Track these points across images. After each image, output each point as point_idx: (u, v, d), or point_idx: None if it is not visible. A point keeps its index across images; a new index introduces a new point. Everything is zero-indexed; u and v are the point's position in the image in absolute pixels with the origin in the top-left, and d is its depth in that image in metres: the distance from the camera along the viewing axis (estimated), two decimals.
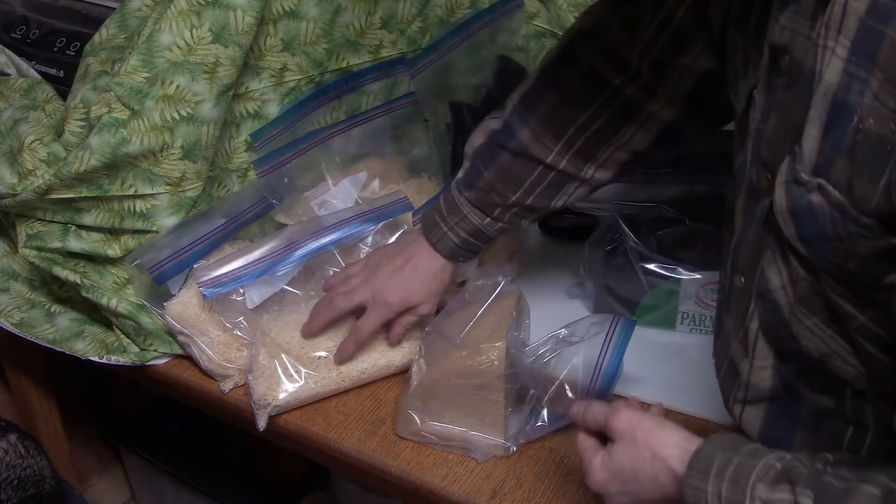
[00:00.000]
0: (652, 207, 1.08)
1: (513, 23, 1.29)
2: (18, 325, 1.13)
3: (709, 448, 0.66)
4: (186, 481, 1.52)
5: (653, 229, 1.07)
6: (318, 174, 1.17)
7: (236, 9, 1.00)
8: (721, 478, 0.63)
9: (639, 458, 0.70)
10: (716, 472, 0.63)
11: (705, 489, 0.63)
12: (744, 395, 0.74)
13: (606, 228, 1.09)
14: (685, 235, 1.07)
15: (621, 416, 0.73)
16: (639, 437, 0.71)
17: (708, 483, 0.63)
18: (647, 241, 1.06)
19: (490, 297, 0.94)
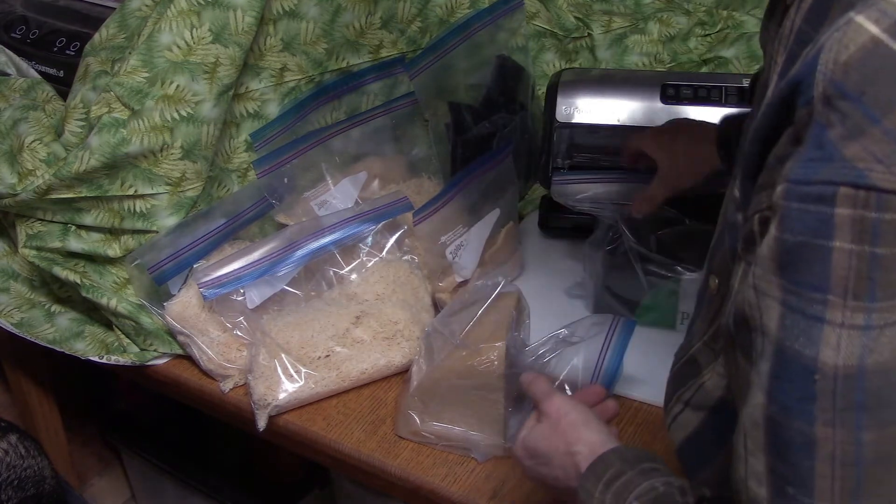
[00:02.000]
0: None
1: (513, 23, 1.29)
2: (18, 325, 1.13)
3: (610, 457, 0.67)
4: (186, 481, 1.52)
5: (653, 229, 1.07)
6: (318, 174, 1.17)
7: (236, 9, 1.00)
8: (609, 487, 0.64)
9: (554, 446, 0.72)
10: (606, 481, 0.64)
11: (593, 495, 0.65)
12: (691, 395, 0.72)
13: (606, 228, 1.09)
14: (685, 235, 1.07)
15: (553, 402, 0.74)
16: (561, 426, 0.72)
17: (596, 489, 0.65)
18: (646, 241, 1.06)
19: (490, 297, 0.94)
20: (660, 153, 1.06)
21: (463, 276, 1.11)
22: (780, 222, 0.45)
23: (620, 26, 1.36)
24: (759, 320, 0.47)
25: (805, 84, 0.45)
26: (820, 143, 0.43)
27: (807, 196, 0.44)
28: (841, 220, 0.42)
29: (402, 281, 1.08)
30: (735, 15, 1.34)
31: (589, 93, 1.21)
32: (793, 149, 0.46)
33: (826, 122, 0.43)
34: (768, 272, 0.46)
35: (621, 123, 1.19)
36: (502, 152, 1.13)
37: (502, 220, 1.15)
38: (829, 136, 0.43)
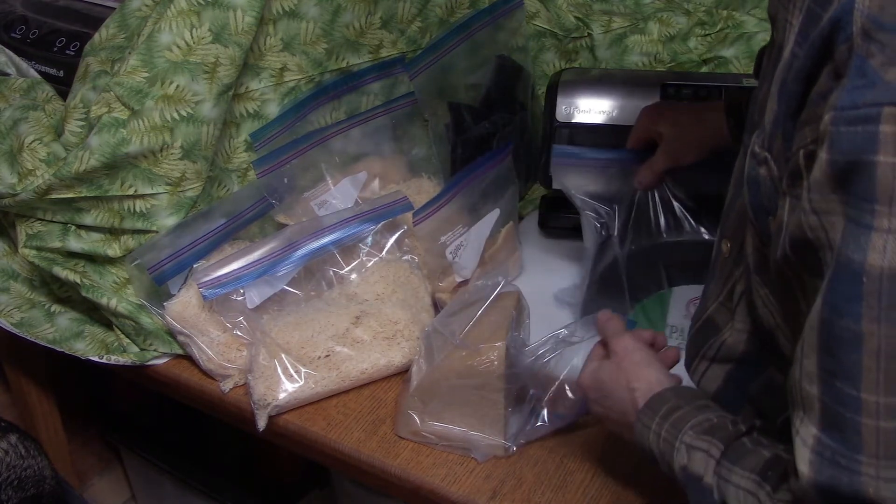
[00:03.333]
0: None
1: (513, 23, 1.29)
2: (18, 325, 1.13)
3: (667, 394, 0.73)
4: (186, 481, 1.52)
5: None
6: (318, 174, 1.17)
7: (236, 9, 1.00)
8: (665, 420, 0.70)
9: (617, 382, 0.78)
10: (663, 414, 0.71)
11: (650, 427, 0.71)
12: (715, 352, 0.75)
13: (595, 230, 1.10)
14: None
15: (620, 341, 0.80)
16: (624, 364, 0.78)
17: (653, 422, 0.71)
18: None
19: (490, 297, 0.94)
20: (664, 125, 1.06)
21: (463, 276, 1.11)
22: (829, 146, 0.49)
23: (620, 26, 1.36)
24: (825, 238, 0.51)
25: (844, 21, 0.49)
26: (862, 72, 0.48)
27: (854, 119, 0.47)
28: (885, 136, 0.46)
29: (402, 281, 1.08)
30: (735, 15, 1.34)
31: (589, 93, 1.21)
32: (835, 83, 0.50)
33: (867, 54, 0.48)
34: (827, 192, 0.50)
35: (621, 123, 1.19)
36: (502, 152, 1.13)
37: (502, 220, 1.15)
38: (871, 65, 0.47)
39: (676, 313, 1.05)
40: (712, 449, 0.65)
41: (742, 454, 0.64)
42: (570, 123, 1.20)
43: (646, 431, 0.71)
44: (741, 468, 0.63)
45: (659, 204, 1.10)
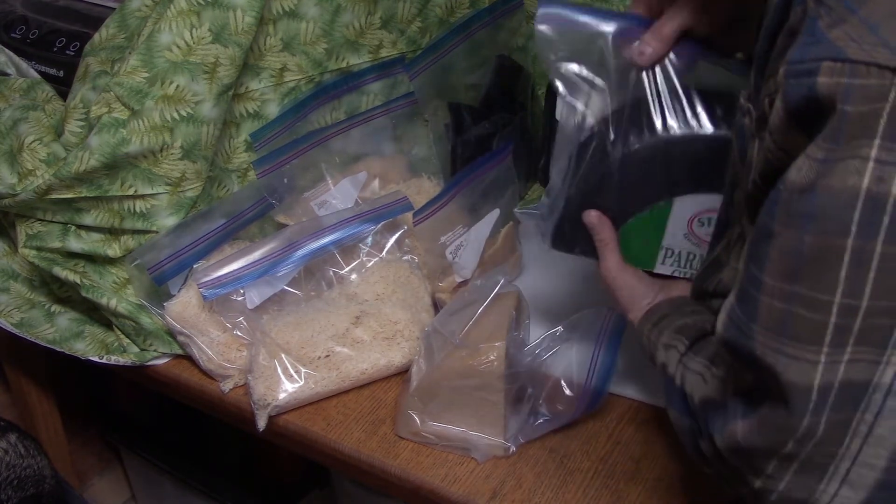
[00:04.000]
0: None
1: (513, 22, 1.29)
2: (18, 325, 1.13)
3: (664, 305, 0.84)
4: (186, 481, 1.52)
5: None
6: (318, 174, 1.17)
7: (236, 9, 1.00)
8: (655, 326, 0.81)
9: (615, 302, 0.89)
10: (654, 321, 0.81)
11: (643, 332, 0.82)
12: (713, 288, 0.81)
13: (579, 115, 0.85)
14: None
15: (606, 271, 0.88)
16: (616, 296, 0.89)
17: (645, 328, 0.82)
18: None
19: (490, 296, 0.94)
20: None
21: (463, 276, 1.11)
22: (782, 95, 0.57)
23: None
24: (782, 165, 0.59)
25: None
26: (811, 31, 0.55)
27: (800, 72, 0.55)
28: (821, 87, 0.53)
29: (402, 281, 1.08)
30: None
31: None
32: (790, 41, 0.57)
33: (817, 15, 0.55)
34: (782, 133, 0.58)
35: None
36: (502, 152, 1.13)
37: (502, 220, 1.15)
38: (819, 26, 0.54)
39: (674, 231, 0.87)
40: (679, 345, 0.76)
41: (703, 347, 0.74)
42: None
43: (641, 337, 0.83)
44: (699, 357, 0.73)
45: (665, 90, 0.83)
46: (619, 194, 0.85)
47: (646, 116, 0.82)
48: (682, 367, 0.74)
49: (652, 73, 0.82)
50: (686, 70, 0.83)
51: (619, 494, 0.89)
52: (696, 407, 0.70)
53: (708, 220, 0.86)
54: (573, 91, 0.84)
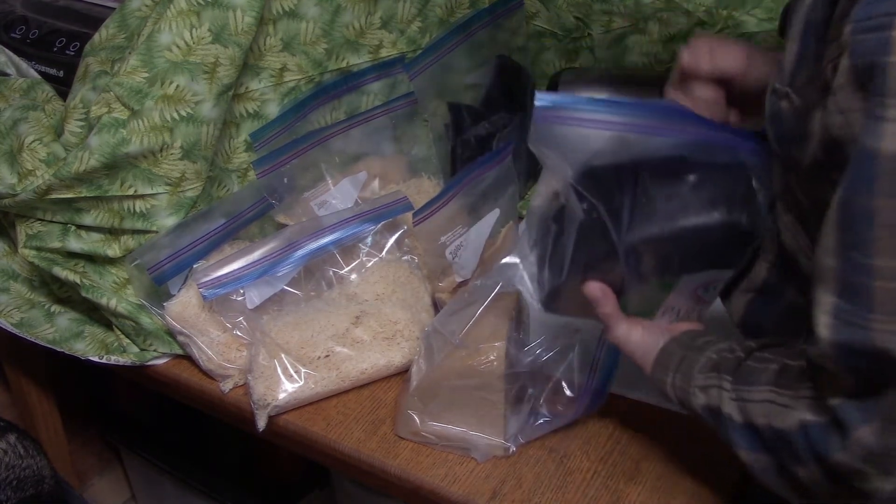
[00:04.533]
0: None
1: (512, 23, 1.29)
2: (18, 325, 1.13)
3: (671, 346, 0.80)
4: (186, 481, 1.52)
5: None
6: (318, 174, 1.17)
7: (236, 9, 1.00)
8: (677, 371, 0.78)
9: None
10: (673, 368, 0.78)
11: (665, 381, 0.79)
12: (742, 282, 0.82)
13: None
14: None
15: (617, 333, 0.83)
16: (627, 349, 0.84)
17: (667, 377, 0.78)
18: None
19: (489, 296, 0.94)
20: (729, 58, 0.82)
21: (463, 276, 1.11)
22: (850, 54, 0.57)
23: (620, 26, 1.36)
24: (849, 133, 0.59)
25: None
26: None
27: (869, 28, 0.56)
28: (895, 40, 0.54)
29: (402, 281, 1.08)
30: (735, 15, 1.34)
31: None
32: (852, 4, 0.58)
33: None
34: (849, 93, 0.58)
35: None
36: (502, 152, 1.13)
37: (502, 220, 1.15)
38: None
39: (678, 296, 0.84)
40: (723, 382, 0.72)
41: (751, 374, 0.71)
42: None
43: (662, 386, 0.79)
44: (756, 386, 0.69)
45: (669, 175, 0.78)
46: (625, 275, 0.80)
47: (660, 202, 0.77)
48: (739, 403, 0.70)
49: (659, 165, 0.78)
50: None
51: (618, 494, 0.89)
52: (778, 435, 0.67)
53: (714, 287, 0.84)
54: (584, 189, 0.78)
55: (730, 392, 0.71)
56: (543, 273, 0.85)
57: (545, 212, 0.83)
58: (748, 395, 0.70)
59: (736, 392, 0.71)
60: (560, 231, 0.81)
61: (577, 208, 0.77)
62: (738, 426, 0.70)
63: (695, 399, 0.75)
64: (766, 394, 0.68)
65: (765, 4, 1.32)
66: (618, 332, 0.82)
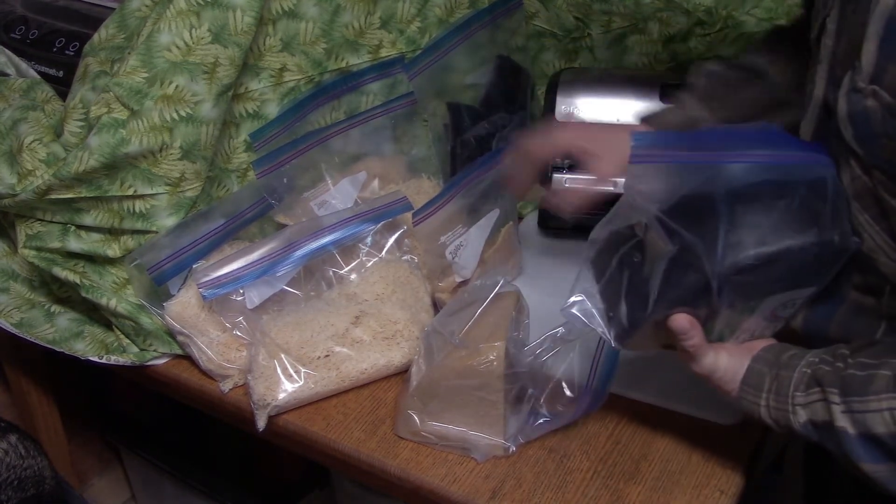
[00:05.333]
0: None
1: (512, 23, 1.29)
2: (18, 325, 1.13)
3: (756, 366, 0.79)
4: (186, 481, 1.52)
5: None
6: (318, 174, 1.17)
7: (235, 9, 1.00)
8: (770, 392, 0.77)
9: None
10: (765, 388, 0.77)
11: (759, 404, 0.78)
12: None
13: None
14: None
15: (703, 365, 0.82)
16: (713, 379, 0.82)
17: (760, 399, 0.77)
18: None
19: (489, 296, 0.94)
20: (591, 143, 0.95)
21: (462, 276, 1.11)
22: None
23: (620, 26, 1.36)
24: None
25: None
26: None
27: None
28: None
29: (402, 281, 1.08)
30: (734, 15, 1.34)
31: (588, 93, 1.21)
32: None
33: None
34: None
35: (621, 123, 1.19)
36: (502, 152, 1.13)
37: (502, 220, 1.15)
38: None
39: (757, 318, 0.82)
40: (829, 395, 0.71)
41: (861, 384, 0.70)
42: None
43: (755, 408, 0.78)
44: (871, 395, 0.68)
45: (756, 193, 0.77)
46: (716, 304, 0.78)
47: (743, 229, 0.76)
48: (853, 415, 0.70)
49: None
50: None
51: (618, 494, 0.89)
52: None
53: (793, 304, 0.82)
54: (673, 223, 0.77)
55: (839, 405, 0.70)
56: (619, 309, 0.82)
57: (614, 247, 0.82)
58: (863, 406, 0.69)
59: (846, 404, 0.70)
60: (637, 266, 0.81)
61: (665, 242, 0.76)
62: (854, 438, 0.69)
63: (795, 417, 0.74)
64: (886, 401, 0.67)
65: (764, 4, 1.32)
66: (705, 361, 0.80)
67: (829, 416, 0.71)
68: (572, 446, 0.94)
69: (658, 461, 0.92)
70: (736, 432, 0.94)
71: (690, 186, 0.76)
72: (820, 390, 0.72)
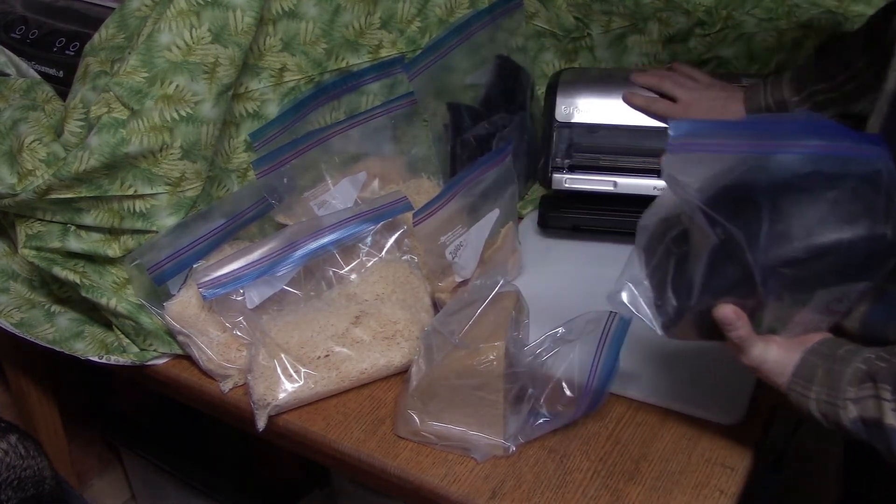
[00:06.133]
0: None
1: (512, 23, 1.29)
2: (18, 325, 1.13)
3: (810, 358, 0.77)
4: (186, 481, 1.52)
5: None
6: (318, 174, 1.17)
7: (235, 9, 1.00)
8: (822, 385, 0.75)
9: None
10: (817, 381, 0.76)
11: (808, 396, 0.76)
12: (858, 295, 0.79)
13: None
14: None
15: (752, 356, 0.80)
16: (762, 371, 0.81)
17: (810, 391, 0.76)
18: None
19: (489, 296, 0.94)
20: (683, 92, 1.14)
21: (462, 276, 1.11)
22: None
23: (620, 26, 1.36)
24: None
25: None
26: None
27: None
28: None
29: (402, 281, 1.08)
30: (734, 15, 1.34)
31: (588, 93, 1.21)
32: None
33: None
34: None
35: (621, 123, 1.19)
36: (502, 152, 1.13)
37: (502, 220, 1.15)
38: None
39: (810, 311, 0.80)
40: (882, 392, 0.70)
41: None
42: (570, 123, 1.21)
43: (804, 400, 0.77)
44: None
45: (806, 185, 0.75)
46: (761, 296, 0.77)
47: (790, 220, 0.74)
48: None
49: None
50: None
51: (618, 494, 0.89)
52: None
53: (849, 298, 0.80)
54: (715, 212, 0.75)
55: (891, 402, 0.69)
56: (665, 297, 0.82)
57: (662, 234, 0.81)
58: None
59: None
60: (683, 255, 0.80)
61: (708, 232, 0.75)
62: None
63: (845, 413, 0.73)
64: None
65: (764, 4, 1.32)
66: (753, 353, 0.79)
67: (879, 413, 0.70)
68: (572, 446, 0.94)
69: (658, 461, 0.92)
70: (736, 432, 0.94)
71: (733, 176, 0.75)
72: (872, 385, 0.71)
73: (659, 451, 0.93)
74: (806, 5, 1.30)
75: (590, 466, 0.92)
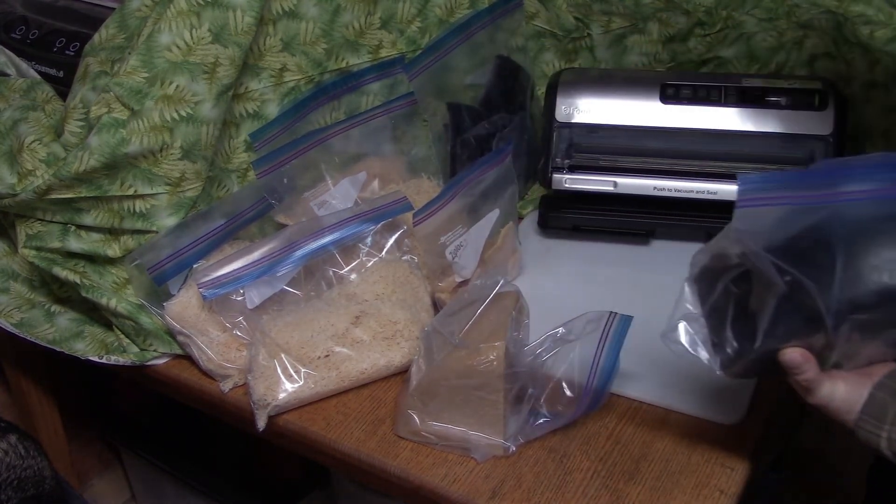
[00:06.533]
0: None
1: (512, 23, 1.29)
2: (18, 325, 1.13)
3: (878, 395, 0.75)
4: (186, 481, 1.52)
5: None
6: (318, 174, 1.17)
7: (236, 9, 1.00)
8: (893, 423, 0.73)
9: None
10: (889, 420, 0.73)
11: (880, 435, 0.73)
12: None
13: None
14: None
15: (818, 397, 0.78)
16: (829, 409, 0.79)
17: (882, 430, 0.73)
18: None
19: (489, 296, 0.94)
20: None
21: (463, 276, 1.11)
22: None
23: (620, 26, 1.36)
24: None
25: None
26: None
27: None
28: None
29: (402, 281, 1.09)
30: (734, 15, 1.34)
31: (589, 93, 1.21)
32: None
33: None
34: None
35: (621, 123, 1.19)
36: (502, 152, 1.13)
37: (502, 220, 1.15)
38: None
39: (877, 346, 0.79)
40: None
41: None
42: (570, 123, 1.21)
43: (875, 439, 0.74)
44: None
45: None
46: (832, 341, 0.76)
47: (863, 265, 0.73)
48: None
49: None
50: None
51: (618, 494, 0.89)
52: None
53: None
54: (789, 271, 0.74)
55: None
56: (724, 337, 0.81)
57: (718, 270, 0.80)
58: None
59: None
60: (744, 294, 0.79)
61: (775, 280, 0.74)
62: None
63: None
64: None
65: (764, 4, 1.32)
66: (821, 393, 0.77)
67: None
68: (572, 446, 0.94)
69: (658, 461, 0.92)
70: (736, 432, 0.94)
71: (802, 225, 0.73)
72: None
73: (659, 451, 0.93)
74: (806, 5, 1.30)
75: (590, 466, 0.92)
